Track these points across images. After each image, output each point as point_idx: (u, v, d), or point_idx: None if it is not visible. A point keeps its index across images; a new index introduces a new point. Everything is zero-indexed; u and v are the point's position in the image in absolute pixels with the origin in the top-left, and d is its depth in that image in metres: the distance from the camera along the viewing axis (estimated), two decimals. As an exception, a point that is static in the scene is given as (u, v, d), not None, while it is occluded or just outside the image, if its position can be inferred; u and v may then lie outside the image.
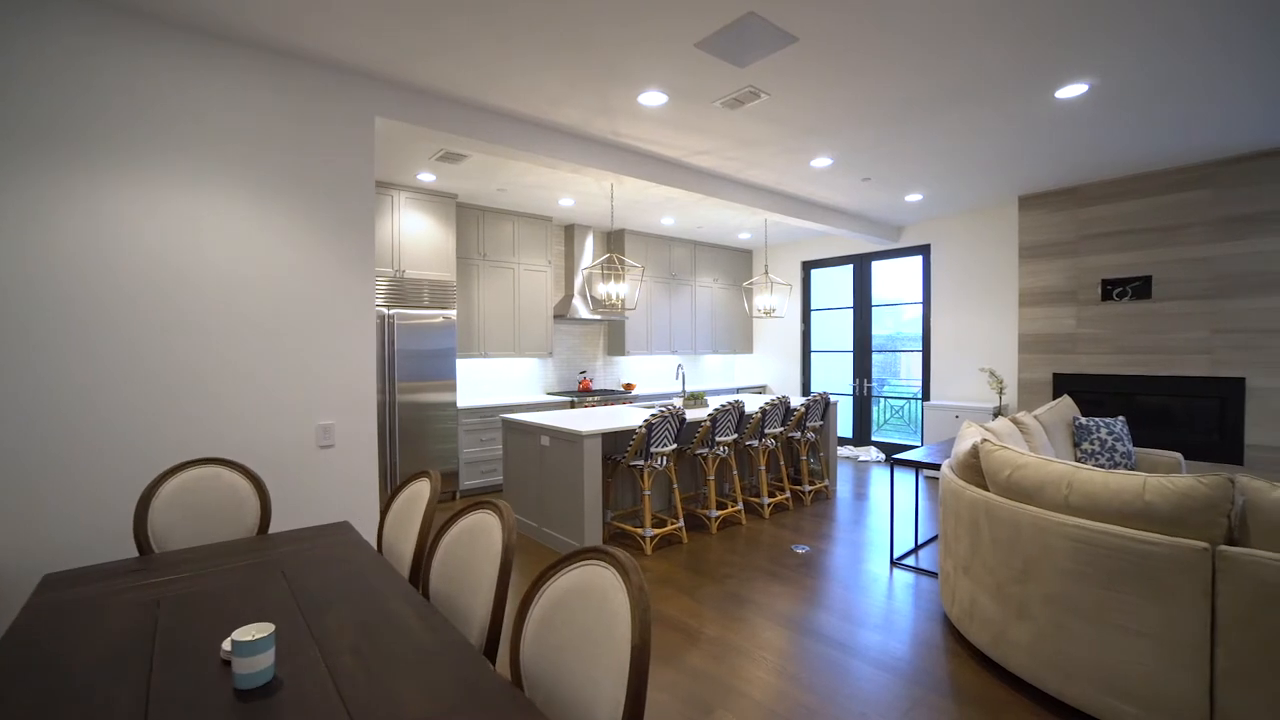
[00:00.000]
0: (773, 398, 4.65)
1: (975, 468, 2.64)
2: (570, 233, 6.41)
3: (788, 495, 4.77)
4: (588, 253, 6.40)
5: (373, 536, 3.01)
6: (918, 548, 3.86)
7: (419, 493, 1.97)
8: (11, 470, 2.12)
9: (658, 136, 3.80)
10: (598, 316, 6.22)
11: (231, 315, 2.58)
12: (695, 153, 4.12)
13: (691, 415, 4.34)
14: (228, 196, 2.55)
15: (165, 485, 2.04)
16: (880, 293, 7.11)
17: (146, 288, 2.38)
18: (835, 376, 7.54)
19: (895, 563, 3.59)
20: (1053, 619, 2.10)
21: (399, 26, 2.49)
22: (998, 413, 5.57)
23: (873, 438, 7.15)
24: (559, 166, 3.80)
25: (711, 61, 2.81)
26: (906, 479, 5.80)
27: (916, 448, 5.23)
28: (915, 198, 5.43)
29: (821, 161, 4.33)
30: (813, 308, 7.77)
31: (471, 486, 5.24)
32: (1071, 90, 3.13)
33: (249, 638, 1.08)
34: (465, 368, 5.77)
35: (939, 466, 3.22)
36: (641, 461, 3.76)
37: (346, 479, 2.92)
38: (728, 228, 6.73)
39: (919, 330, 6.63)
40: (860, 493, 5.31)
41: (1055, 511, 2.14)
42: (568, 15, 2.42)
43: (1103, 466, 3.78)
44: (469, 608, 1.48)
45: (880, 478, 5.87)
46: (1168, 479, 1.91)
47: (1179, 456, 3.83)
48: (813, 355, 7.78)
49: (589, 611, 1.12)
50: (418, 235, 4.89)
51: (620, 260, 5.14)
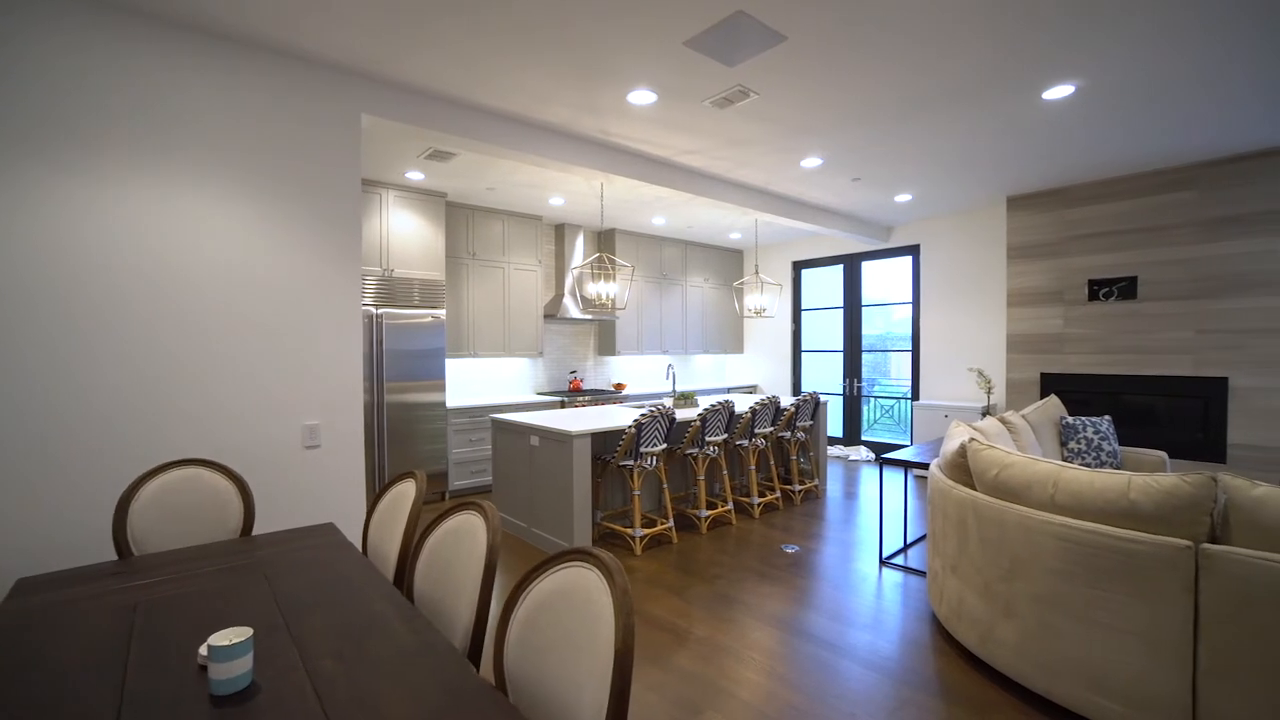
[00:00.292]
0: (763, 398, 4.66)
1: (963, 467, 2.65)
2: (561, 232, 6.38)
3: (778, 495, 4.77)
4: (578, 252, 6.38)
5: (360, 538, 2.98)
6: (907, 547, 3.88)
7: (404, 493, 1.95)
8: (-14, 472, 2.08)
9: (647, 135, 3.79)
10: (588, 316, 6.20)
11: (214, 313, 2.54)
12: (685, 152, 4.12)
13: (681, 415, 4.34)
14: (209, 193, 2.52)
15: (145, 487, 2.00)
16: (870, 293, 7.14)
17: (124, 286, 2.34)
18: (826, 376, 7.56)
19: (884, 562, 3.60)
20: (1039, 618, 2.11)
21: (386, 23, 2.47)
22: (986, 412, 5.61)
23: (863, 437, 7.17)
24: (548, 165, 3.78)
25: (701, 60, 2.81)
26: (896, 478, 5.82)
27: (906, 447, 5.26)
28: (905, 198, 5.46)
29: (811, 161, 4.34)
30: (803, 308, 7.80)
31: (461, 487, 5.20)
32: (1058, 91, 3.16)
33: (226, 642, 1.06)
34: (455, 368, 5.73)
35: (928, 466, 3.24)
36: (631, 461, 3.75)
37: (333, 480, 2.89)
38: (718, 227, 6.73)
39: (909, 330, 6.66)
40: (850, 492, 5.33)
41: (1042, 510, 2.15)
42: (555, 12, 2.40)
43: (1089, 465, 3.81)
44: (453, 610, 1.46)
45: (870, 477, 5.89)
46: (1152, 478, 1.92)
47: (1164, 455, 3.87)
48: (803, 355, 7.80)
49: (573, 614, 1.10)
50: (406, 234, 4.85)
51: (610, 260, 5.13)
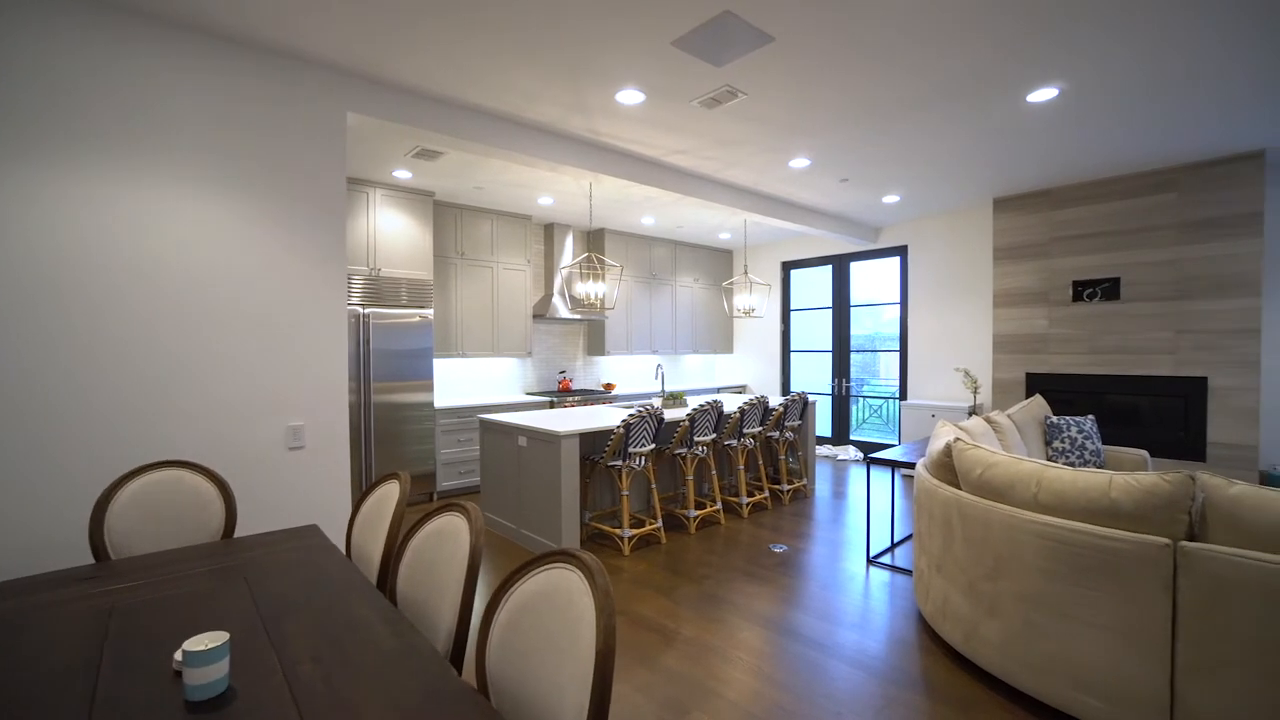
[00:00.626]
0: (751, 397, 4.67)
1: (948, 466, 2.67)
2: (550, 231, 6.36)
3: (766, 495, 4.79)
4: (568, 252, 6.36)
5: (344, 540, 2.95)
6: (894, 546, 3.90)
7: (388, 494, 1.93)
8: (-41, 474, 2.04)
9: (636, 135, 3.79)
10: (578, 316, 6.18)
11: (196, 312, 2.51)
12: (674, 152, 4.12)
13: (670, 415, 4.34)
14: (186, 191, 2.48)
15: (124, 489, 1.97)
16: (859, 293, 7.18)
17: (104, 284, 2.30)
18: (815, 376, 7.59)
19: (872, 561, 3.62)
20: (1022, 616, 2.13)
21: (372, 22, 2.44)
22: (972, 412, 5.65)
23: (851, 437, 7.21)
24: (536, 165, 3.77)
25: (689, 60, 2.81)
26: (884, 478, 5.86)
27: (894, 446, 5.29)
28: (893, 199, 5.49)
29: (800, 162, 4.36)
30: (792, 308, 7.83)
31: (449, 488, 5.17)
32: (1042, 94, 3.19)
33: (201, 647, 1.04)
34: (443, 367, 5.69)
35: (914, 465, 3.26)
36: (619, 462, 3.74)
37: (317, 481, 2.86)
38: (708, 227, 6.74)
39: (897, 330, 6.71)
40: (839, 491, 5.36)
41: (1025, 509, 2.17)
42: (543, 11, 2.39)
43: (1072, 464, 3.86)
44: (436, 612, 1.45)
45: (859, 476, 5.93)
46: (1132, 477, 1.94)
47: (1145, 454, 3.92)
48: (792, 355, 7.83)
49: (554, 615, 1.10)
50: (394, 233, 4.81)
51: (599, 260, 5.12)
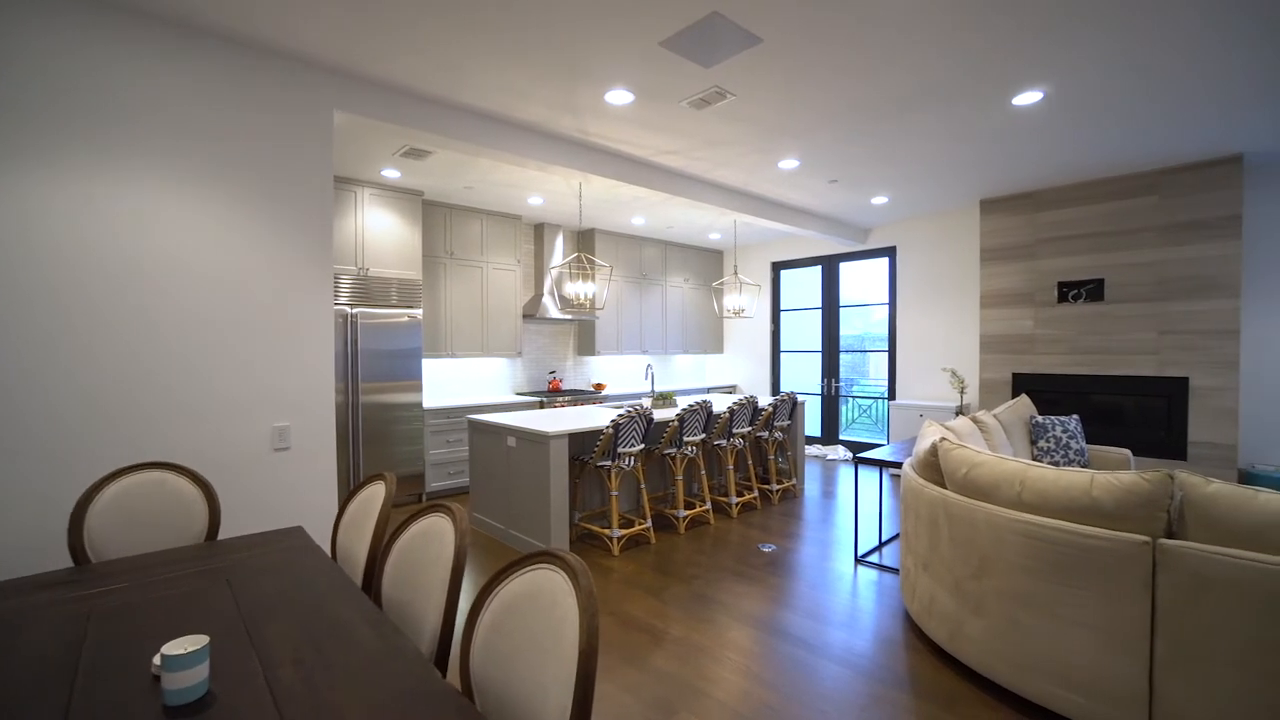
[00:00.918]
0: (741, 398, 4.68)
1: (935, 466, 2.69)
2: (540, 231, 6.35)
3: (756, 494, 4.80)
4: (558, 252, 6.35)
5: (330, 542, 2.93)
6: (881, 545, 3.93)
7: (374, 496, 1.92)
8: (-66, 477, 2.01)
9: (625, 135, 3.79)
10: (568, 316, 6.17)
11: (180, 311, 2.48)
12: (663, 152, 4.12)
13: (659, 415, 4.34)
14: (171, 188, 2.45)
15: (104, 491, 1.94)
16: (848, 294, 7.23)
17: (88, 282, 2.27)
18: (805, 376, 7.63)
19: (859, 560, 3.65)
20: (1006, 613, 2.15)
21: (360, 20, 2.43)
22: (959, 412, 5.70)
23: (841, 436, 7.26)
24: (526, 164, 3.76)
25: (677, 61, 2.81)
26: (872, 477, 5.90)
27: (882, 446, 5.33)
28: (881, 200, 5.53)
29: (789, 163, 4.37)
30: (782, 308, 7.86)
31: (438, 489, 5.15)
32: (1027, 97, 3.22)
33: (180, 650, 1.03)
34: (432, 368, 5.67)
35: (901, 465, 3.28)
36: (609, 462, 3.74)
37: (303, 482, 2.84)
38: (698, 228, 6.76)
39: (886, 331, 6.75)
40: (828, 491, 5.39)
41: (1010, 509, 2.19)
42: (532, 11, 2.39)
43: (1057, 464, 3.90)
44: (421, 614, 1.44)
45: (848, 476, 5.96)
46: (1113, 476, 1.97)
47: (1128, 453, 3.98)
48: (782, 355, 7.86)
49: (538, 616, 1.09)
50: (382, 232, 4.78)
51: (589, 260, 5.12)
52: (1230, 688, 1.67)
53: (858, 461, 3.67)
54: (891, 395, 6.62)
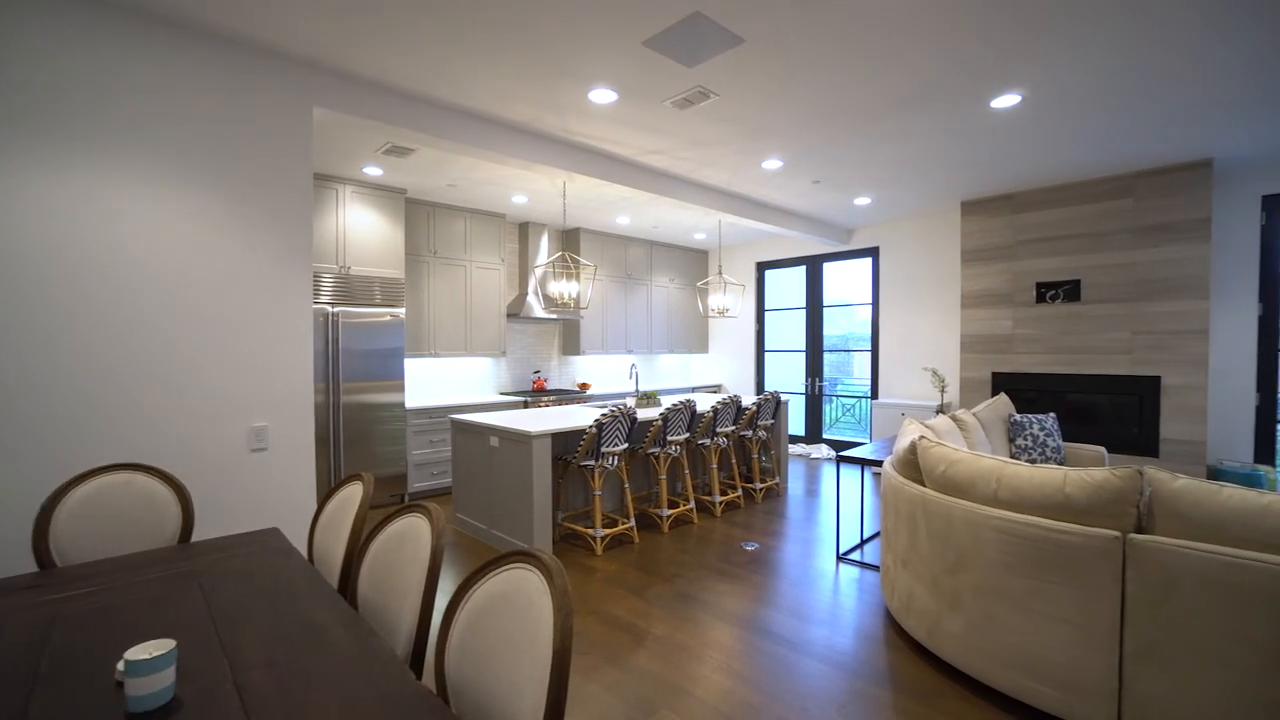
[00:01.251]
0: (725, 397, 4.70)
1: (914, 464, 2.72)
2: (524, 230, 6.32)
3: (739, 493, 4.82)
4: (543, 251, 6.33)
5: (306, 543, 2.89)
6: (863, 543, 3.97)
7: (351, 497, 1.90)
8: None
9: (609, 135, 3.78)
10: (553, 315, 6.15)
11: (156, 309, 2.43)
12: (647, 152, 4.12)
13: (643, 415, 4.34)
14: (147, 183, 2.40)
15: (72, 494, 1.90)
16: (832, 294, 7.28)
17: (50, 279, 2.22)
18: (789, 376, 7.68)
19: (841, 558, 3.68)
20: (982, 608, 2.18)
21: (341, 16, 2.40)
22: (940, 410, 5.78)
23: (824, 435, 7.31)
24: (509, 163, 3.74)
25: (660, 60, 2.81)
26: (854, 475, 5.95)
27: (865, 445, 5.37)
28: (864, 201, 5.58)
29: (773, 163, 4.40)
30: (767, 308, 7.90)
31: (421, 489, 5.10)
32: (1005, 100, 3.27)
33: (145, 656, 1.01)
34: (415, 367, 5.61)
35: (882, 463, 3.31)
36: (592, 462, 3.73)
37: (281, 484, 2.79)
38: (683, 228, 6.77)
39: (869, 330, 6.82)
40: (811, 489, 5.42)
41: (986, 505, 2.22)
42: (514, 7, 2.37)
43: (1034, 461, 3.97)
44: (397, 616, 1.43)
45: (831, 475, 6.01)
46: (1086, 473, 2.01)
47: (1103, 450, 4.06)
48: (767, 355, 7.90)
49: (513, 616, 1.09)
50: (364, 231, 4.73)
51: (573, 259, 5.10)
52: (1196, 677, 1.71)
53: (840, 460, 3.70)
54: (874, 394, 6.69)
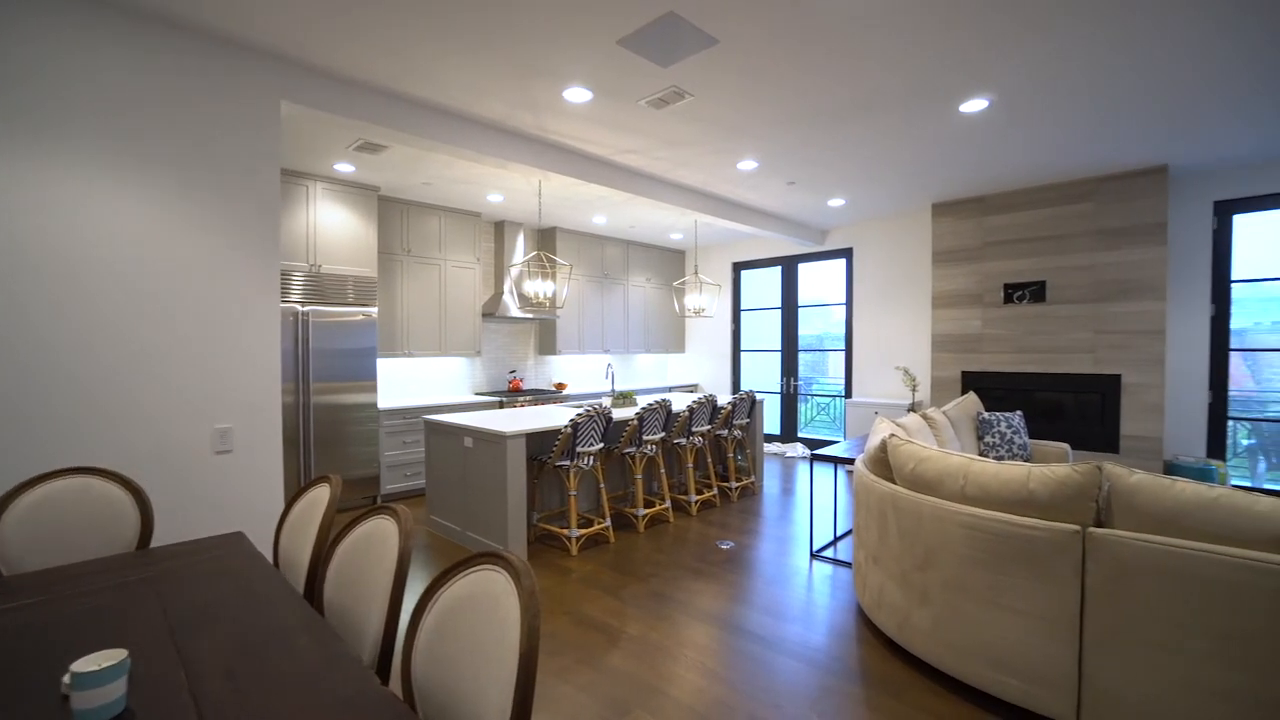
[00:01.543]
0: (700, 396, 4.72)
1: (885, 462, 2.77)
2: (500, 229, 6.26)
3: (715, 492, 4.85)
4: (519, 250, 6.28)
5: (273, 548, 2.82)
6: (836, 540, 4.02)
7: (318, 499, 1.86)
8: None
9: (585, 134, 3.77)
10: (529, 315, 6.11)
11: (114, 307, 2.35)
12: (623, 151, 4.12)
13: (618, 414, 4.34)
14: (107, 177, 2.32)
15: (20, 499, 1.82)
16: (807, 294, 7.37)
17: (8, 275, 2.12)
18: (765, 375, 7.74)
19: (815, 555, 3.72)
20: (949, 603, 2.23)
21: (308, 5, 2.34)
22: (911, 409, 5.88)
23: (799, 434, 7.39)
24: (483, 161, 3.70)
25: (635, 60, 2.81)
26: (827, 474, 6.03)
27: (838, 443, 5.45)
28: (838, 202, 5.66)
29: (748, 164, 4.43)
30: (743, 308, 7.96)
31: (394, 491, 5.02)
32: (974, 105, 3.34)
33: (93, 667, 0.97)
34: (388, 367, 5.52)
35: (854, 461, 3.36)
36: (567, 462, 3.72)
37: (246, 487, 2.72)
38: (660, 228, 6.78)
39: (843, 330, 6.91)
40: (786, 488, 5.48)
41: (953, 501, 2.27)
42: (488, 6, 2.35)
43: (1002, 458, 4.06)
44: (364, 620, 1.40)
45: (806, 473, 6.07)
46: (1049, 468, 2.06)
47: (1066, 447, 4.17)
48: (743, 355, 7.96)
49: (480, 619, 1.08)
50: (335, 228, 4.63)
51: (549, 258, 5.07)
52: (1152, 667, 1.77)
53: (814, 459, 3.75)
54: (848, 393, 6.78)
